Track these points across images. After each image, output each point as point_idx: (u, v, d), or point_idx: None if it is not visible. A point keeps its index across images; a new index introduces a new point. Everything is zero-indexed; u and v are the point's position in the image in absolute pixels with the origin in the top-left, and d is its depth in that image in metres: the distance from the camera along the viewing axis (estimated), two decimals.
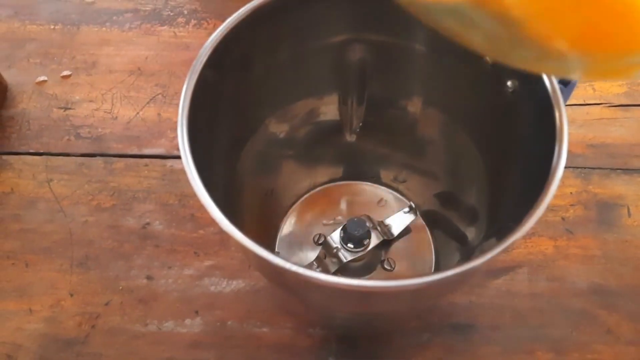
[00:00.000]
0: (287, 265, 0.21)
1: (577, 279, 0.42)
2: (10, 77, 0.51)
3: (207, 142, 0.32)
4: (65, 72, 0.51)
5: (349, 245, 0.36)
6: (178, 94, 0.28)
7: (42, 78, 0.51)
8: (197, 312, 0.40)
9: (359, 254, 0.36)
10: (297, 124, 0.37)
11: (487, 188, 0.35)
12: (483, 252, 0.22)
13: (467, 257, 0.37)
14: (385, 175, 0.42)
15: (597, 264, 0.42)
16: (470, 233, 0.37)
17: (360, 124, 0.38)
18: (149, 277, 0.42)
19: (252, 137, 0.37)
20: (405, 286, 0.20)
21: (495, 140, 0.32)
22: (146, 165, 0.46)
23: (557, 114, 0.25)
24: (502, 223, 0.32)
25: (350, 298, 0.24)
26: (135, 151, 0.47)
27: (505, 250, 0.23)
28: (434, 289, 0.23)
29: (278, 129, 0.38)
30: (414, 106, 0.35)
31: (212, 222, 0.43)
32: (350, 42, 0.32)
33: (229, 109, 0.33)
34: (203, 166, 0.28)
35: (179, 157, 0.46)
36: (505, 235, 0.23)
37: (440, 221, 0.40)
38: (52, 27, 0.54)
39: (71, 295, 0.41)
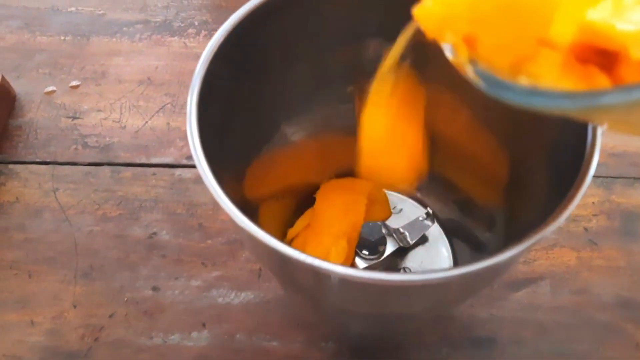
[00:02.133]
0: (303, 257, 0.19)
1: (602, 292, 0.40)
2: (19, 87, 0.51)
3: (218, 148, 0.31)
4: (74, 82, 0.51)
5: (364, 252, 0.34)
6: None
7: (50, 88, 0.51)
8: (204, 324, 0.39)
9: (374, 262, 0.34)
10: (313, 128, 0.36)
11: (508, 195, 0.33)
12: (507, 249, 0.21)
13: None
14: None
15: (623, 275, 0.40)
16: (489, 242, 0.36)
17: None
18: (154, 288, 0.40)
19: (267, 144, 0.36)
20: (428, 280, 0.19)
21: (521, 143, 0.31)
22: (154, 174, 0.45)
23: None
24: (522, 231, 0.31)
25: (369, 294, 0.22)
26: (143, 160, 0.46)
27: (531, 247, 0.21)
28: (457, 284, 0.22)
29: (294, 134, 0.36)
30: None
31: (221, 232, 0.43)
32: (369, 38, 0.31)
33: (243, 111, 0.32)
34: (215, 171, 0.26)
35: (187, 166, 0.46)
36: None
37: (459, 229, 0.39)
38: (62, 38, 0.54)
39: (74, 306, 0.40)
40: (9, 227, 0.43)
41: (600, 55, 0.17)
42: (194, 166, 0.46)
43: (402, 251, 0.37)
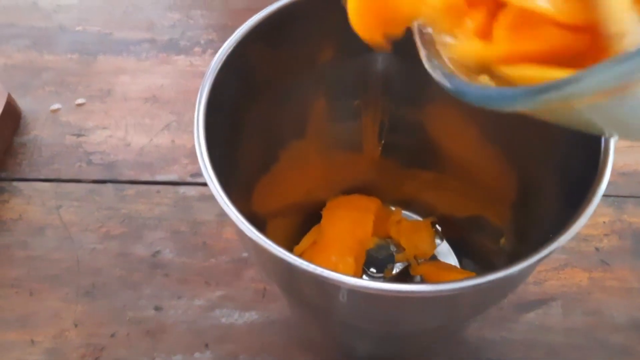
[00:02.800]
0: (312, 267, 0.19)
1: (615, 313, 0.39)
2: (24, 105, 0.51)
3: (225, 165, 0.31)
4: (80, 100, 0.51)
5: (371, 270, 0.33)
6: (193, 121, 0.27)
7: (56, 106, 0.51)
8: (207, 345, 0.38)
9: (382, 280, 0.33)
10: (319, 144, 0.36)
11: (517, 212, 0.33)
12: (521, 260, 0.20)
13: None
14: (410, 196, 0.40)
15: (636, 296, 0.39)
16: (499, 260, 0.35)
17: (383, 141, 0.36)
18: (157, 308, 0.40)
19: (274, 161, 0.35)
20: (439, 291, 0.18)
21: (530, 159, 0.30)
22: (158, 191, 0.45)
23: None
24: (532, 248, 0.30)
25: (378, 307, 0.21)
26: (147, 178, 0.46)
27: (543, 260, 0.21)
28: (469, 297, 0.21)
29: (300, 150, 0.36)
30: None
31: (225, 250, 0.42)
32: (376, 52, 0.31)
33: (249, 128, 0.32)
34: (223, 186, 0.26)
35: (191, 184, 0.45)
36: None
37: (468, 247, 0.38)
38: (69, 56, 0.54)
39: (75, 325, 0.39)
40: (11, 244, 0.43)
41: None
42: (198, 184, 0.46)
43: (410, 268, 0.36)
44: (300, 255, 0.37)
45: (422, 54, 0.18)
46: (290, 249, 0.38)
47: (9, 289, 0.41)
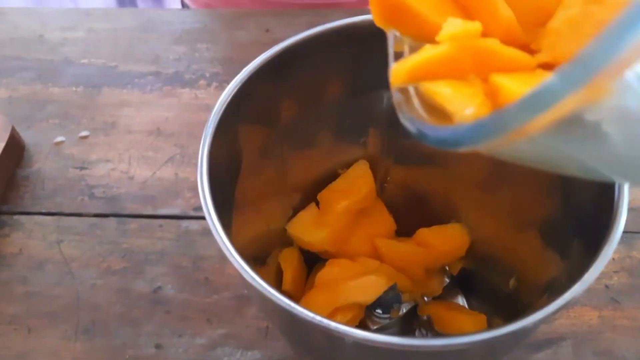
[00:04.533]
0: (317, 319, 0.18)
1: (627, 353, 0.38)
2: (28, 138, 0.50)
3: (228, 197, 0.30)
4: (84, 133, 0.51)
5: (377, 311, 0.32)
6: (197, 153, 0.27)
7: (60, 138, 0.50)
8: None
9: (387, 322, 0.33)
10: (323, 181, 0.35)
11: (526, 251, 0.32)
12: (535, 310, 0.19)
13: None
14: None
15: None
16: (506, 298, 0.34)
17: (389, 178, 0.36)
18: (157, 346, 0.39)
19: (275, 198, 0.35)
20: (448, 346, 0.17)
21: (542, 197, 0.30)
22: (160, 226, 0.44)
23: None
24: (540, 288, 0.29)
25: (386, 358, 0.21)
26: (150, 211, 0.45)
27: (561, 309, 0.20)
28: (479, 350, 0.20)
29: (304, 187, 0.36)
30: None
31: (227, 286, 0.41)
32: (381, 89, 0.31)
33: (255, 165, 0.32)
34: (224, 222, 0.26)
35: (194, 218, 0.45)
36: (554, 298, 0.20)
37: (475, 286, 0.37)
38: (73, 89, 0.54)
39: None
40: (10, 279, 0.42)
41: None
42: (201, 218, 0.45)
43: (417, 308, 0.36)
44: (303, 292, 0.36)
45: (395, 102, 0.18)
46: (298, 276, 0.37)
47: (7, 326, 0.40)
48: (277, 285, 0.36)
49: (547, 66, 0.16)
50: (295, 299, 0.35)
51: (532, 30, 0.18)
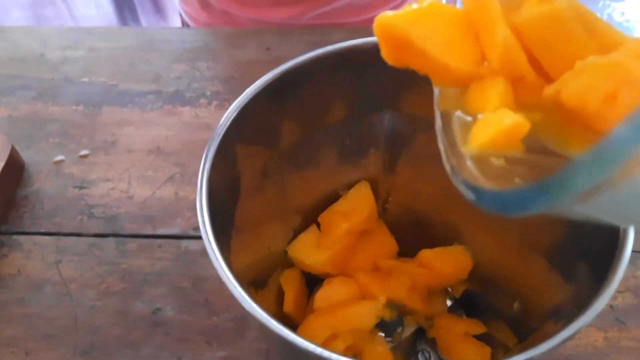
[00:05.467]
0: (319, 350, 0.18)
1: None
2: (28, 157, 0.50)
3: (227, 220, 0.30)
4: (84, 152, 0.51)
5: (379, 334, 0.32)
6: (197, 172, 0.27)
7: (59, 158, 0.50)
8: None
9: (390, 345, 0.32)
10: (324, 203, 0.35)
11: (530, 274, 0.32)
12: (541, 338, 0.19)
13: (507, 348, 0.33)
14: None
15: None
16: (509, 320, 0.34)
17: (390, 199, 0.36)
18: None
19: (275, 219, 0.34)
20: None
21: (547, 220, 0.29)
22: (160, 246, 0.44)
23: None
24: (545, 310, 0.29)
25: None
26: (149, 231, 0.45)
27: (568, 339, 0.20)
28: None
29: (305, 209, 0.35)
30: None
31: (227, 308, 0.41)
32: (383, 110, 0.31)
33: (256, 187, 0.31)
34: (223, 244, 0.25)
35: (194, 237, 0.44)
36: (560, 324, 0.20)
37: (478, 308, 0.37)
38: (74, 108, 0.54)
39: None
40: (8, 301, 0.42)
41: None
42: (201, 237, 0.45)
43: (421, 332, 0.35)
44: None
45: (447, 168, 0.17)
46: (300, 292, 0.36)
47: (5, 349, 0.39)
48: (279, 306, 0.36)
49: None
50: (297, 320, 0.35)
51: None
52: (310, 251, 0.35)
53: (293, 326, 0.34)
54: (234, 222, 0.30)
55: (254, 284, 0.33)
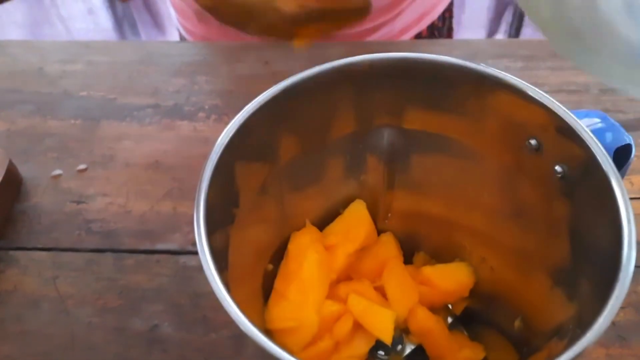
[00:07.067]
0: None
1: None
2: (25, 172, 0.50)
3: (224, 236, 0.30)
4: (82, 166, 0.50)
5: (379, 352, 0.32)
6: (195, 187, 0.27)
7: (57, 172, 0.50)
8: None
9: None
10: (323, 221, 0.35)
11: (532, 291, 0.31)
12: (546, 357, 0.19)
13: None
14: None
15: None
16: (510, 338, 0.33)
17: (390, 214, 0.35)
18: None
19: (273, 236, 0.34)
20: None
21: (549, 237, 0.29)
22: (158, 261, 0.44)
23: (617, 193, 0.22)
24: (550, 333, 0.29)
25: None
26: (147, 246, 0.45)
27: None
28: None
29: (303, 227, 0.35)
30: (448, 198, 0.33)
31: (226, 325, 0.40)
32: (381, 126, 0.31)
33: (251, 203, 0.31)
34: (221, 261, 0.25)
35: (192, 253, 0.44)
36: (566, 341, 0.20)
37: (479, 324, 0.36)
38: (72, 122, 0.54)
39: None
40: (4, 318, 0.41)
41: None
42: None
43: (421, 351, 0.35)
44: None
45: None
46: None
47: None
48: None
49: None
50: None
51: None
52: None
53: None
54: (230, 239, 0.30)
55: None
